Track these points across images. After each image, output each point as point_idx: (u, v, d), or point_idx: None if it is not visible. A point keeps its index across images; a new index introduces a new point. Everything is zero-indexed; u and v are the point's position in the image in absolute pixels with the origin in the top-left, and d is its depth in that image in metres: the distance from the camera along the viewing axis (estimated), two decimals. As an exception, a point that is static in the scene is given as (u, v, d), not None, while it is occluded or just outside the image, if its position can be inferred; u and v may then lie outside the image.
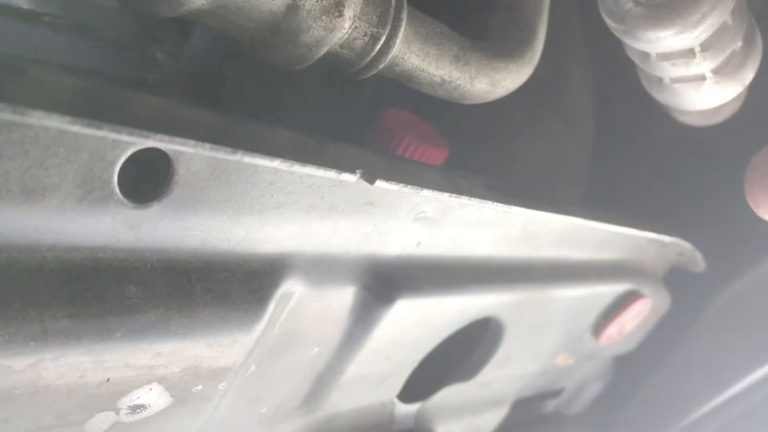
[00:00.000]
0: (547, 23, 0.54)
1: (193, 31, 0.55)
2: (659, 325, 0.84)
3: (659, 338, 0.86)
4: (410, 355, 0.56)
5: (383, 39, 0.41)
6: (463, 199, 0.44)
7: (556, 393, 0.90)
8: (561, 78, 0.75)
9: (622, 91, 0.79)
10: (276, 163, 0.33)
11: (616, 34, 0.49)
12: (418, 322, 0.52)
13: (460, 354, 0.66)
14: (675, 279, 0.83)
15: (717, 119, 0.67)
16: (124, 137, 0.28)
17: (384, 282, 0.47)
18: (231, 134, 0.35)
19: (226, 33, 0.38)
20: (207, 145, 0.31)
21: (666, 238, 0.70)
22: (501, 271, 0.56)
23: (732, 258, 0.85)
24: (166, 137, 0.29)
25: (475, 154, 0.72)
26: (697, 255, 0.76)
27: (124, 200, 0.31)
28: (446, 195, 0.43)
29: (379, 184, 0.38)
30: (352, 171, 0.37)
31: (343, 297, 0.46)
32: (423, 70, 0.45)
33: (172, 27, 0.54)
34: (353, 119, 0.64)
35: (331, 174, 0.36)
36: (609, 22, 0.49)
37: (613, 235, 0.64)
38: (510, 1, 0.53)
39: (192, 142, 0.30)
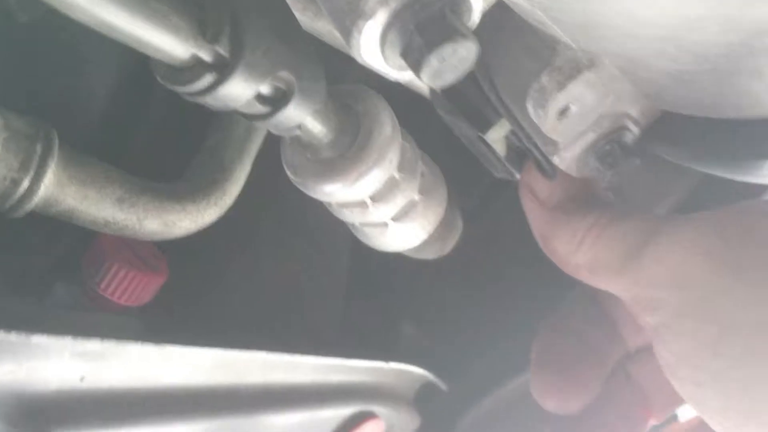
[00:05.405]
0: (249, 167, 0.58)
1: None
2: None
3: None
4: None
5: (25, 183, 0.43)
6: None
7: None
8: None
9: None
10: None
11: (297, 185, 0.53)
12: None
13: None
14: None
15: (440, 253, 0.72)
16: None
17: (35, 418, 0.47)
18: None
19: None
20: None
21: (395, 366, 0.73)
22: (194, 400, 0.57)
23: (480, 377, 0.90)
24: None
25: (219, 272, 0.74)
26: (435, 380, 0.80)
27: None
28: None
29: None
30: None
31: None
32: (82, 212, 0.46)
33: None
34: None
35: None
36: (289, 174, 0.53)
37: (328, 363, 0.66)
38: (211, 143, 0.56)
39: None
